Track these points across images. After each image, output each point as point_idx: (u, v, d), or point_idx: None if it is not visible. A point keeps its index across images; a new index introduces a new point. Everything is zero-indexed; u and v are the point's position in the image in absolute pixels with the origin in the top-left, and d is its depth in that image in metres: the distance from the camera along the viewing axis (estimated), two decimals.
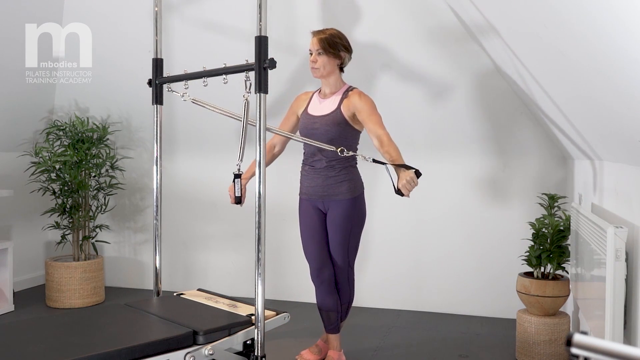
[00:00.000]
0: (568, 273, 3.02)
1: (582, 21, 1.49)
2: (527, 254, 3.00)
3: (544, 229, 2.97)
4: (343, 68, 2.79)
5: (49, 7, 3.73)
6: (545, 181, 3.63)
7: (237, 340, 2.25)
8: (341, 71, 2.79)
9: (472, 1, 2.63)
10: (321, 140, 2.68)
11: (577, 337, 0.86)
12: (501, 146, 3.68)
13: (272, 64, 2.30)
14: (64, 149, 3.98)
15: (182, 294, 2.76)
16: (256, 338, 2.28)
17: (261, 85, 2.30)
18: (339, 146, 2.61)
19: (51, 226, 4.11)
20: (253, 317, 2.32)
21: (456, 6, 3.17)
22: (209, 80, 2.59)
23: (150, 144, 4.28)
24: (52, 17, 3.79)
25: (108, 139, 4.16)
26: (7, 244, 3.76)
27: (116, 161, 4.21)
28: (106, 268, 4.48)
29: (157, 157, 2.87)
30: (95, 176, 4.07)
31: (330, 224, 2.75)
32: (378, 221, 3.88)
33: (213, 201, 4.26)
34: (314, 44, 2.71)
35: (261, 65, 2.29)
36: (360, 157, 2.59)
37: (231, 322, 2.27)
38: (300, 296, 4.07)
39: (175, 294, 2.77)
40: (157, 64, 2.83)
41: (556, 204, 3.08)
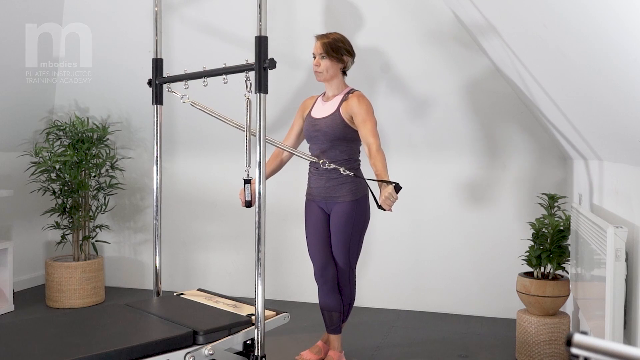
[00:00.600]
0: (568, 273, 3.02)
1: (582, 21, 1.49)
2: (527, 254, 3.00)
3: (544, 229, 2.97)
4: (346, 72, 2.81)
5: (49, 7, 3.73)
6: (545, 181, 3.63)
7: (237, 340, 2.26)
8: (344, 75, 2.81)
9: (472, 1, 2.63)
10: (323, 141, 2.73)
11: (577, 337, 0.86)
12: (501, 146, 3.68)
13: (272, 64, 2.31)
14: (64, 149, 3.98)
15: (182, 294, 2.76)
16: (256, 338, 2.28)
17: (261, 85, 2.30)
18: (342, 148, 2.72)
19: (51, 226, 4.11)
20: (253, 317, 2.33)
21: (456, 7, 3.17)
22: (209, 80, 2.59)
23: (150, 144, 4.28)
24: (52, 17, 3.79)
25: (108, 139, 4.16)
26: (7, 244, 3.76)
27: (116, 161, 4.20)
28: (106, 268, 4.48)
29: (157, 157, 2.87)
30: (95, 176, 4.07)
31: (333, 225, 2.76)
32: (378, 221, 3.88)
33: (213, 201, 4.26)
34: (317, 48, 2.74)
35: (261, 65, 2.30)
36: (342, 170, 2.61)
37: (231, 322, 2.27)
38: (300, 296, 4.07)
39: (175, 294, 2.77)
40: (157, 64, 2.83)
41: (556, 204, 3.08)
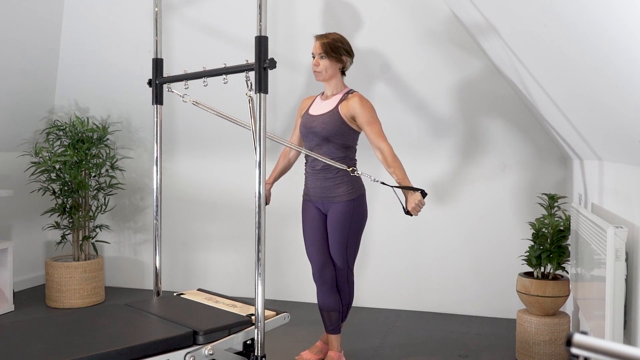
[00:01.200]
0: (568, 273, 3.02)
1: (582, 21, 1.49)
2: (527, 254, 3.00)
3: (544, 229, 2.97)
4: (345, 72, 2.82)
5: (49, 7, 3.73)
6: (545, 181, 3.63)
7: (237, 340, 2.26)
8: (343, 75, 2.81)
9: (472, 1, 2.63)
10: (318, 137, 2.73)
11: (577, 337, 0.86)
12: (501, 146, 3.68)
13: (272, 64, 2.31)
14: (64, 149, 3.98)
15: (182, 294, 2.76)
16: (256, 338, 2.28)
17: (261, 85, 2.30)
18: (337, 145, 2.71)
19: (51, 226, 4.11)
20: (253, 317, 2.33)
21: (456, 6, 3.17)
22: (209, 80, 2.59)
23: (150, 144, 4.28)
24: (52, 16, 3.79)
25: (108, 139, 4.16)
26: (7, 244, 3.76)
27: (116, 161, 4.21)
28: (106, 268, 4.48)
29: (157, 157, 2.87)
30: (95, 176, 4.07)
31: (330, 225, 2.76)
32: (378, 221, 3.89)
33: (213, 201, 4.26)
34: (316, 48, 2.74)
35: (261, 65, 2.30)
36: (368, 178, 2.67)
37: (231, 322, 2.27)
38: (300, 296, 4.07)
39: (175, 294, 2.77)
40: (157, 64, 2.83)
41: (556, 204, 3.08)
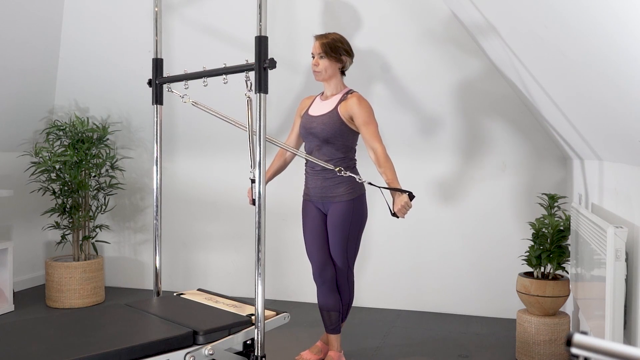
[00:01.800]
0: (568, 273, 3.02)
1: (583, 21, 1.49)
2: (527, 254, 3.00)
3: (544, 229, 2.97)
4: (345, 72, 2.82)
5: (49, 7, 3.73)
6: (545, 181, 3.63)
7: (237, 340, 2.26)
8: (343, 75, 2.81)
9: (471, 1, 2.63)
10: (318, 139, 2.73)
11: (577, 337, 0.86)
12: (501, 146, 3.68)
13: (272, 64, 2.31)
14: (64, 149, 3.98)
15: (182, 294, 2.76)
16: (256, 338, 2.28)
17: (261, 85, 2.30)
18: (337, 146, 2.71)
19: (51, 226, 4.11)
20: (253, 317, 2.33)
21: (455, 6, 3.17)
22: (209, 80, 2.59)
23: (150, 144, 4.28)
24: (52, 17, 3.79)
25: (108, 139, 4.16)
26: (7, 244, 3.76)
27: (116, 161, 4.21)
28: (106, 268, 4.48)
29: (157, 157, 2.87)
30: (95, 176, 4.07)
31: (329, 225, 2.76)
32: (378, 221, 3.88)
33: (213, 201, 4.26)
34: (316, 48, 2.74)
35: (261, 65, 2.30)
36: (357, 178, 2.66)
37: (231, 322, 2.27)
38: (300, 296, 4.07)
39: (175, 294, 2.77)
40: (157, 64, 2.83)
41: (556, 204, 3.08)
